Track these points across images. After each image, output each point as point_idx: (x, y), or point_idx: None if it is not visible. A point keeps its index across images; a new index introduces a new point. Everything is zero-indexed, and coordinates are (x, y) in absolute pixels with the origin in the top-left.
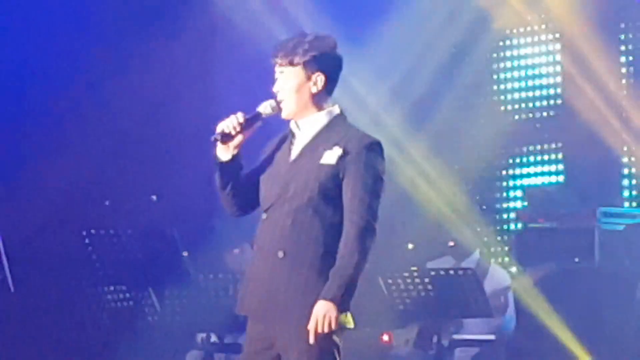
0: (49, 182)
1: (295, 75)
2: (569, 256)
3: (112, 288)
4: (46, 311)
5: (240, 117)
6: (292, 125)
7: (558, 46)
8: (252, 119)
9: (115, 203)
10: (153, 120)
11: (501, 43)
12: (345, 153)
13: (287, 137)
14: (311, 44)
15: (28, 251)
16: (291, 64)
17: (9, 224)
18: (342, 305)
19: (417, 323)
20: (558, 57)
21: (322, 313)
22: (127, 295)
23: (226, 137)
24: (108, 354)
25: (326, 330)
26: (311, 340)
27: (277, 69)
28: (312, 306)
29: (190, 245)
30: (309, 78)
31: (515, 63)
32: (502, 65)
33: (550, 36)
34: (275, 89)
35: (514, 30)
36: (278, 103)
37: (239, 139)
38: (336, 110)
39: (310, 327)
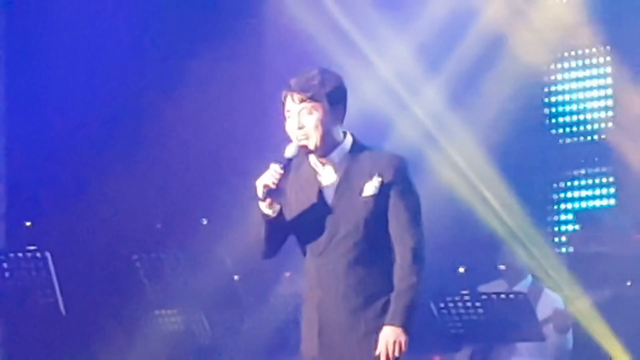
0: (101, 205)
1: (320, 110)
2: (620, 280)
3: (162, 312)
4: (97, 334)
5: (278, 168)
6: (314, 163)
7: (609, 69)
8: (286, 166)
9: (166, 226)
10: (204, 144)
11: (552, 66)
12: (383, 179)
13: (305, 176)
14: (325, 77)
15: (79, 274)
16: (313, 99)
17: (61, 247)
18: (409, 329)
19: (469, 347)
20: (609, 80)
21: (393, 339)
22: (178, 319)
23: (272, 192)
24: None
25: (397, 354)
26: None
27: (296, 105)
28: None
29: (241, 269)
30: (332, 112)
31: (567, 86)
32: (552, 88)
33: (602, 59)
34: (297, 125)
35: (565, 54)
36: (301, 142)
37: (279, 190)
38: (350, 138)
39: (381, 351)
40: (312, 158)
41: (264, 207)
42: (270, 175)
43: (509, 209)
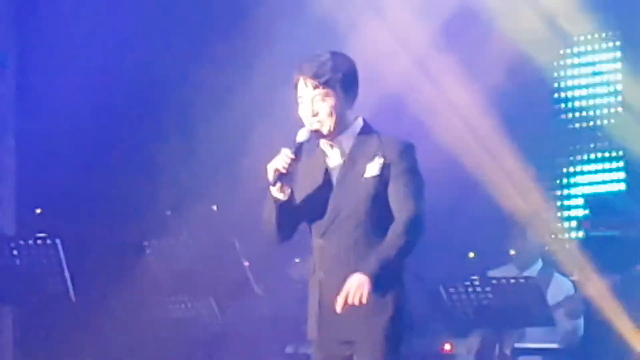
0: (111, 192)
1: (334, 97)
2: (631, 264)
3: (173, 298)
4: (107, 321)
5: (289, 153)
6: (323, 145)
7: (619, 54)
8: (297, 151)
9: (176, 213)
10: (213, 130)
11: (561, 51)
12: (385, 161)
13: (314, 158)
14: (338, 63)
15: (89, 261)
16: (327, 85)
17: (71, 234)
18: (376, 282)
19: (479, 332)
20: (618, 65)
21: (356, 284)
22: (188, 305)
23: (282, 176)
24: None
25: (356, 302)
26: (338, 309)
27: (310, 91)
28: (387, 321)
29: (251, 254)
30: (345, 98)
31: (576, 71)
32: (562, 73)
33: (611, 44)
34: (310, 111)
35: (575, 39)
36: (314, 127)
37: (290, 175)
38: (360, 122)
39: (341, 296)
40: (322, 141)
41: (275, 191)
42: (281, 160)
43: (519, 194)
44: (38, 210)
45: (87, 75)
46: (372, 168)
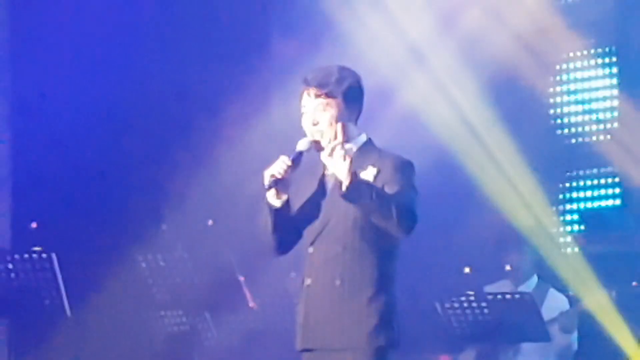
0: (106, 206)
1: (335, 107)
2: (627, 280)
3: (168, 312)
4: (102, 335)
5: (287, 160)
6: (324, 158)
7: (615, 69)
8: (296, 159)
9: (172, 227)
10: (210, 144)
11: (557, 67)
12: (379, 171)
13: (317, 170)
14: (343, 75)
15: (84, 275)
16: (329, 95)
17: (65, 248)
18: (355, 184)
19: (475, 347)
20: (615, 80)
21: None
22: (184, 319)
23: (278, 182)
24: None
25: (328, 152)
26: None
27: (312, 100)
28: (372, 330)
29: (246, 269)
30: (347, 109)
31: (572, 87)
32: (557, 88)
33: (607, 59)
34: (312, 121)
35: (570, 54)
36: (315, 138)
37: (287, 181)
38: (363, 138)
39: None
40: (323, 153)
41: (270, 197)
42: (278, 166)
43: (515, 210)
44: (33, 225)
45: (82, 89)
46: (365, 176)
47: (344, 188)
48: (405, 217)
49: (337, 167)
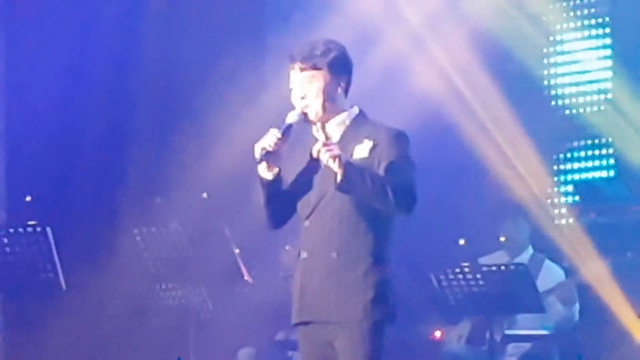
0: (100, 179)
1: (321, 78)
2: (621, 251)
3: (163, 286)
4: (97, 309)
5: (277, 132)
6: (315, 132)
7: (608, 40)
8: (285, 131)
9: (166, 200)
10: (203, 117)
11: (551, 38)
12: (375, 144)
13: (309, 143)
14: (329, 47)
15: (79, 249)
16: (315, 67)
17: (60, 222)
18: (346, 173)
19: (469, 319)
20: (608, 52)
21: (335, 147)
22: (179, 293)
23: (269, 155)
24: (159, 352)
25: (315, 153)
26: (314, 152)
27: (298, 74)
28: (368, 303)
29: (242, 242)
30: (333, 80)
31: (566, 58)
32: (551, 60)
33: (600, 30)
34: (299, 94)
35: (564, 25)
36: (303, 110)
37: (277, 154)
38: (355, 110)
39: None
40: (314, 128)
41: (262, 170)
42: (268, 138)
43: (509, 181)
44: (28, 198)
45: (78, 64)
46: (361, 150)
47: (338, 181)
48: (403, 198)
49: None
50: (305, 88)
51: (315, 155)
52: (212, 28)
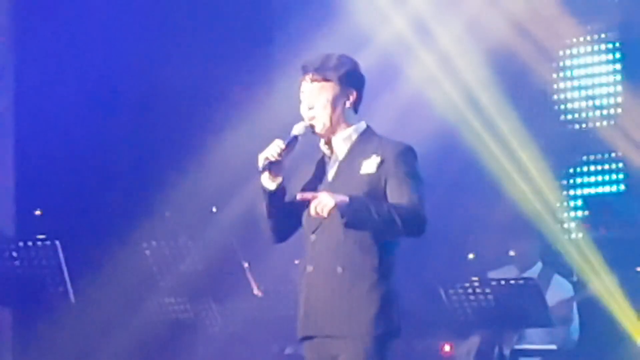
0: (110, 193)
1: (330, 90)
2: (630, 265)
3: (172, 299)
4: (107, 322)
5: (281, 143)
6: (322, 146)
7: (618, 55)
8: (290, 143)
9: (176, 214)
10: (213, 131)
11: (561, 53)
12: (383, 160)
13: (319, 159)
14: (341, 61)
15: (88, 263)
16: (325, 79)
17: (70, 236)
18: (347, 212)
19: (479, 333)
20: (618, 66)
21: (325, 197)
22: (188, 307)
23: (272, 165)
24: None
25: (317, 211)
26: (312, 211)
27: (308, 85)
28: (372, 318)
29: (250, 256)
30: (342, 93)
31: (575, 72)
32: (561, 74)
33: (610, 45)
34: (307, 104)
35: (574, 40)
36: (310, 122)
37: (280, 165)
38: (363, 125)
39: (312, 204)
40: (322, 142)
41: (264, 180)
42: (272, 149)
43: (519, 196)
44: (38, 212)
45: (86, 76)
46: (369, 165)
47: (342, 222)
48: (411, 223)
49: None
50: (314, 99)
51: (313, 214)
52: (221, 39)
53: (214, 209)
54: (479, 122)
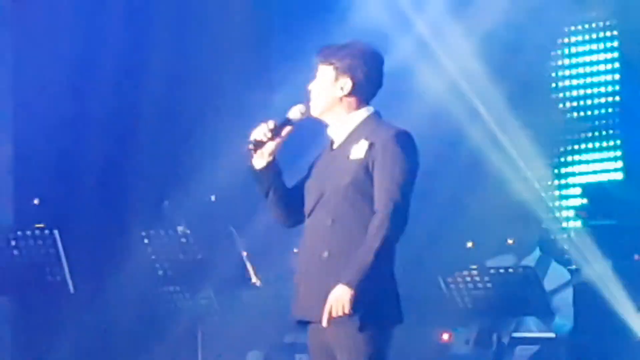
0: (108, 182)
1: (326, 74)
2: (628, 253)
3: (171, 288)
4: (105, 312)
5: (270, 124)
6: (328, 131)
7: (616, 43)
8: (282, 125)
9: (174, 203)
10: (211, 120)
11: (559, 40)
12: (371, 145)
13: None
14: (351, 50)
15: (87, 252)
16: (326, 61)
17: (68, 225)
18: (357, 290)
19: (477, 321)
20: (616, 54)
21: (335, 298)
22: (187, 295)
23: (258, 145)
24: (167, 354)
25: (339, 313)
26: (324, 323)
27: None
28: (356, 302)
29: (249, 244)
30: (336, 79)
31: (573, 60)
32: (559, 62)
33: (609, 32)
34: (310, 86)
35: (572, 27)
36: (307, 105)
37: (270, 145)
38: (365, 113)
39: (325, 310)
40: (328, 128)
41: (253, 159)
42: (260, 129)
43: (517, 184)
44: (36, 201)
45: (85, 66)
46: (358, 151)
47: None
48: (395, 232)
49: None
50: (315, 81)
51: (325, 324)
52: (220, 30)
53: (213, 198)
54: (477, 111)
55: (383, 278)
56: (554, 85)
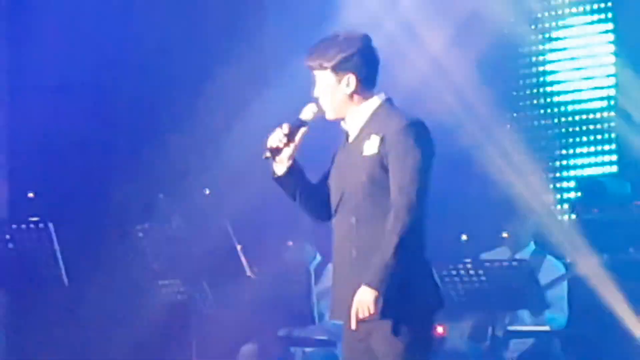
0: (103, 175)
1: (326, 78)
2: (622, 247)
3: (166, 282)
4: (100, 305)
5: (285, 128)
6: (342, 125)
7: (611, 36)
8: (296, 128)
9: (169, 196)
10: (205, 113)
11: (553, 34)
12: (383, 138)
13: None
14: (340, 46)
15: (81, 245)
16: (321, 67)
17: (62, 218)
18: (381, 289)
19: (472, 315)
20: (611, 48)
21: (359, 299)
22: (181, 289)
23: (276, 152)
24: (163, 348)
25: (365, 315)
26: (352, 325)
27: (315, 73)
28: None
29: (244, 238)
30: (339, 81)
31: (568, 54)
32: (554, 56)
33: (603, 26)
34: (314, 93)
35: (567, 20)
36: (318, 104)
37: (288, 150)
38: (376, 101)
39: (352, 313)
40: (342, 122)
41: (274, 166)
42: (276, 135)
43: (511, 177)
44: (30, 194)
45: (80, 61)
46: (370, 147)
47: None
48: (410, 224)
49: None
50: (317, 87)
51: (353, 327)
52: (213, 24)
53: (207, 191)
54: (471, 104)
55: (412, 269)
56: (549, 78)
